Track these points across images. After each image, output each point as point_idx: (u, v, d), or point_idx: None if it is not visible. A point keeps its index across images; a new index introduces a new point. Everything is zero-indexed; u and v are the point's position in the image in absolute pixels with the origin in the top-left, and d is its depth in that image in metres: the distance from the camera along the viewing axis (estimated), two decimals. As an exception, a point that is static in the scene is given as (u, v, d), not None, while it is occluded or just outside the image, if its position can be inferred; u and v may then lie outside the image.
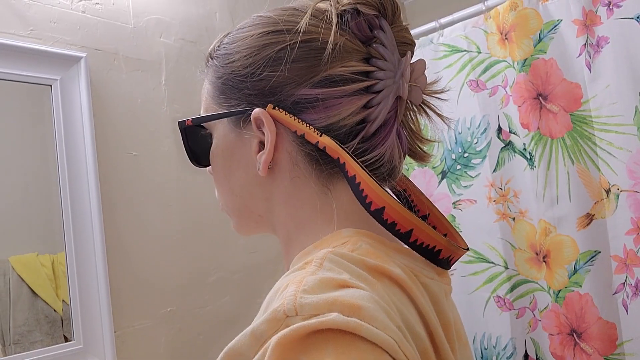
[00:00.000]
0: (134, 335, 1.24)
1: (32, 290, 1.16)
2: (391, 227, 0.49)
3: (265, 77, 0.52)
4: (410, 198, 0.60)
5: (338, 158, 0.50)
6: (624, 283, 1.24)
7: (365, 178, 0.49)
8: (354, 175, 0.50)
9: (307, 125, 0.51)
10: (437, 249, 0.49)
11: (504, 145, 1.45)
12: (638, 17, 1.22)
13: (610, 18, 1.26)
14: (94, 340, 1.16)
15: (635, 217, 1.22)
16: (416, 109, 0.57)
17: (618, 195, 1.25)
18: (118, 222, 1.26)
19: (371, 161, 0.51)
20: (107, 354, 1.15)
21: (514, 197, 1.44)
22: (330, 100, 0.50)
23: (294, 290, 0.40)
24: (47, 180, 1.19)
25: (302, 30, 0.51)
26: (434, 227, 0.58)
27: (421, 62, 0.54)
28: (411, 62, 0.54)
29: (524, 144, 1.40)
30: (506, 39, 1.42)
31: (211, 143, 0.59)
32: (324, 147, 0.50)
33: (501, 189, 1.45)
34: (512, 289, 1.42)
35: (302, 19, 0.52)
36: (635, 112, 1.22)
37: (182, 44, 1.44)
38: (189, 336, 1.34)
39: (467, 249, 0.55)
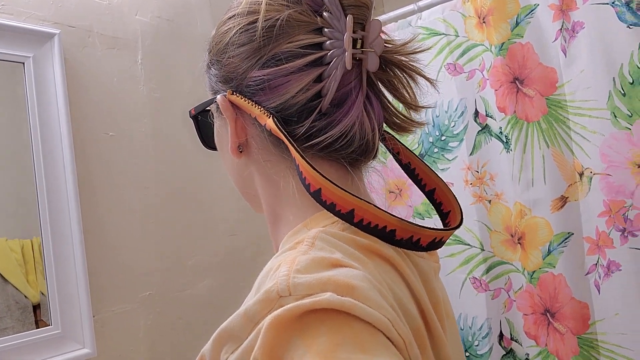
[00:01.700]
0: (113, 319, 1.23)
1: (1, 276, 1.13)
2: (331, 208, 0.47)
3: (226, 63, 0.53)
4: (415, 172, 0.59)
5: (282, 140, 0.50)
6: (596, 264, 1.27)
7: (300, 160, 0.48)
8: (294, 157, 0.49)
9: (260, 107, 0.51)
10: (389, 228, 0.47)
11: (480, 128, 1.47)
12: (613, 3, 1.23)
13: (585, 3, 1.28)
14: (73, 325, 1.14)
15: (608, 199, 1.25)
16: (400, 74, 0.53)
17: (591, 178, 1.28)
18: (95, 204, 1.23)
19: (333, 139, 0.49)
20: (85, 339, 1.14)
21: (490, 180, 1.45)
22: (277, 79, 0.49)
23: (287, 270, 0.40)
24: (20, 163, 1.15)
25: (247, 12, 0.51)
26: (440, 203, 0.58)
27: (375, 24, 0.50)
28: (365, 24, 0.51)
29: (501, 128, 1.41)
30: (484, 22, 1.42)
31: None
32: (270, 129, 0.50)
33: (478, 171, 1.47)
34: (488, 270, 1.45)
35: None
36: (609, 96, 1.24)
37: (158, 22, 1.41)
38: (169, 320, 1.33)
39: (455, 228, 0.52)
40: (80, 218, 1.17)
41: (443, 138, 1.53)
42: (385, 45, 0.51)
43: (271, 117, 0.50)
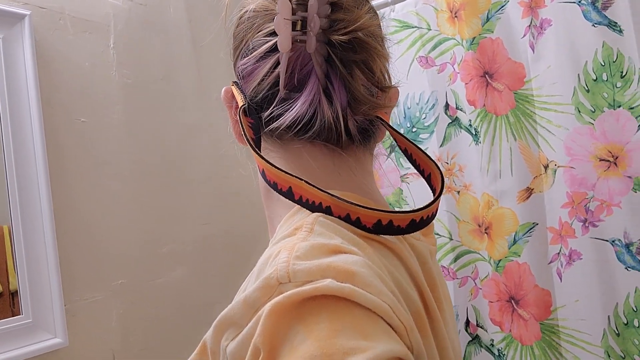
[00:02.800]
0: (84, 308, 1.20)
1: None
2: (275, 187, 0.50)
3: (232, 55, 0.57)
4: (412, 157, 0.59)
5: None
6: (559, 253, 1.32)
7: (248, 146, 0.51)
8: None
9: (242, 95, 0.54)
10: (325, 205, 0.47)
11: (450, 120, 1.50)
12: (580, 2, 1.27)
13: (553, 1, 1.31)
14: (44, 314, 1.11)
15: (571, 191, 1.30)
16: (359, 51, 0.50)
17: (555, 171, 1.32)
18: (67, 191, 1.20)
19: (288, 123, 0.50)
20: (57, 328, 1.11)
21: (459, 171, 1.49)
22: (249, 68, 0.52)
23: (287, 257, 0.40)
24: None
25: (239, 7, 0.55)
26: (435, 189, 0.58)
27: (312, 3, 0.47)
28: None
29: (470, 120, 1.45)
30: (456, 17, 1.45)
31: None
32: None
33: (447, 163, 1.50)
34: (456, 259, 1.49)
35: None
36: (574, 92, 1.28)
37: (130, 6, 1.37)
38: (141, 309, 1.31)
39: (408, 212, 0.49)
40: (52, 205, 1.13)
41: (414, 129, 1.55)
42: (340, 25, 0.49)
43: (241, 104, 0.53)
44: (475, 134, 1.43)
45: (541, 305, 1.35)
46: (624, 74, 1.23)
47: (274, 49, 0.50)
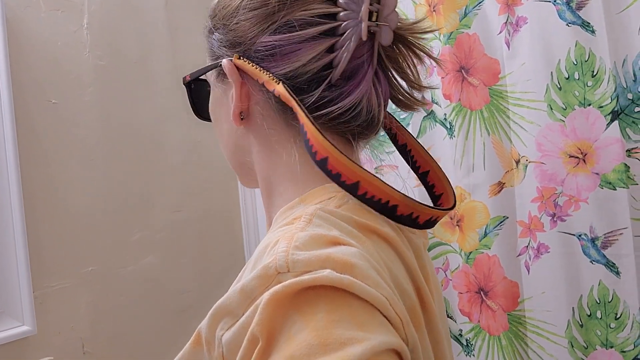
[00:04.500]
0: (53, 295, 1.17)
1: None
2: (336, 178, 0.48)
3: (233, 27, 0.52)
4: (410, 153, 0.60)
5: (292, 107, 0.49)
6: (527, 246, 1.36)
7: (310, 127, 0.48)
8: (303, 123, 0.49)
9: (268, 73, 0.50)
10: (392, 204, 0.47)
11: (426, 114, 1.51)
12: (555, 1, 1.30)
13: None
14: (12, 302, 1.08)
15: (541, 186, 1.33)
16: (406, 52, 0.53)
17: (526, 166, 1.35)
18: (36, 175, 1.16)
19: (342, 111, 0.50)
20: (25, 316, 1.08)
21: (433, 164, 1.50)
22: (289, 47, 0.49)
23: (286, 247, 0.40)
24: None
25: None
26: (433, 185, 0.59)
27: None
28: None
29: (445, 114, 1.46)
30: (434, 11, 1.46)
31: None
32: (279, 95, 0.50)
33: (421, 156, 1.51)
34: (428, 250, 1.50)
35: None
36: (547, 89, 1.31)
37: (105, -14, 1.34)
38: (111, 297, 1.28)
39: (450, 209, 0.53)
40: (21, 189, 1.10)
41: (389, 122, 1.56)
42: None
43: (281, 83, 0.49)
44: (450, 128, 1.45)
45: (509, 296, 1.38)
46: (594, 74, 1.26)
47: (329, 33, 0.49)
